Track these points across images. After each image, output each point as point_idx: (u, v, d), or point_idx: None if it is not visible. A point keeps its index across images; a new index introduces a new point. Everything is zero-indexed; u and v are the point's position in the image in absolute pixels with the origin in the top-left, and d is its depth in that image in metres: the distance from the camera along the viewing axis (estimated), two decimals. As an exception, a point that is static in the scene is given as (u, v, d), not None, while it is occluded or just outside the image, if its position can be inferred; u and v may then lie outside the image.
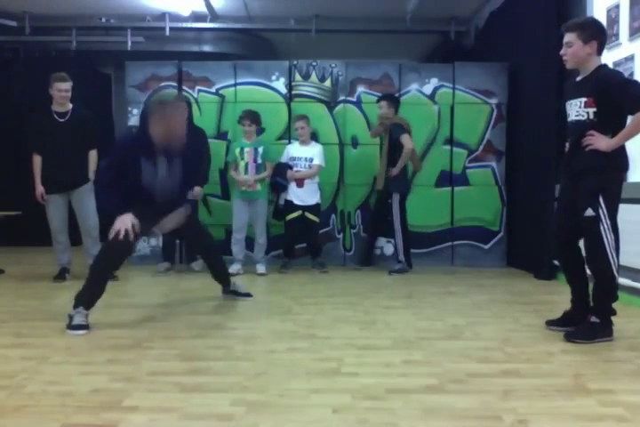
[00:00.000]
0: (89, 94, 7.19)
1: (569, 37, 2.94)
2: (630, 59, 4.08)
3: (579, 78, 3.02)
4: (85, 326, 3.14)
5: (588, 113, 2.91)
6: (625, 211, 3.82)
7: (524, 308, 3.61)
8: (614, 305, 3.02)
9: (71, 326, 3.13)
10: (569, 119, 3.06)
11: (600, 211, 2.87)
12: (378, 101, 5.50)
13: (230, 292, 4.05)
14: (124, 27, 7.87)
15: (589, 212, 2.89)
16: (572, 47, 2.93)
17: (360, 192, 6.01)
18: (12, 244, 7.35)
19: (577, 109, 2.97)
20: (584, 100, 2.92)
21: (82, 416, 2.00)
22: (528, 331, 3.18)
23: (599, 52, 2.96)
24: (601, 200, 2.88)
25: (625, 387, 2.28)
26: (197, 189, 5.22)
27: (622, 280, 3.88)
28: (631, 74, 4.05)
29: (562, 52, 3.00)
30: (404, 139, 5.24)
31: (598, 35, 2.93)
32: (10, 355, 2.70)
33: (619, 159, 2.92)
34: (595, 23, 3.00)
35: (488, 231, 5.98)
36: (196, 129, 5.26)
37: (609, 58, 4.32)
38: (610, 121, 2.88)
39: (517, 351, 2.78)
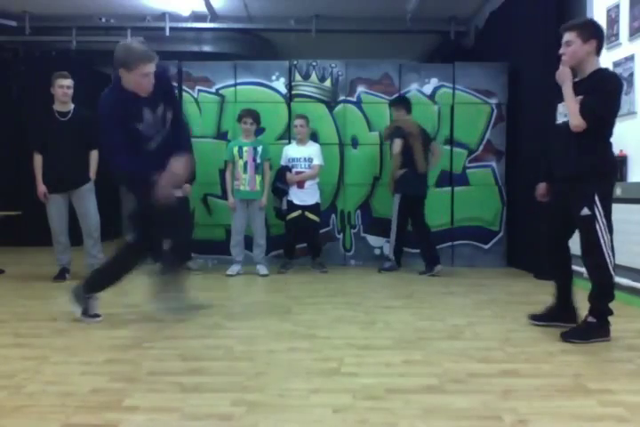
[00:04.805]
0: (89, 94, 7.17)
1: (569, 36, 2.96)
2: (630, 59, 4.08)
3: (576, 79, 3.03)
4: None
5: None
6: (625, 211, 3.83)
7: (524, 308, 3.60)
8: (611, 305, 3.01)
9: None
10: (560, 120, 3.09)
11: (596, 210, 2.93)
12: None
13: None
14: (124, 27, 7.86)
15: (585, 211, 2.94)
16: (572, 46, 2.95)
17: (360, 192, 6.01)
18: (12, 244, 7.35)
19: None
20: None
21: (82, 416, 2.00)
22: (528, 331, 3.18)
23: (598, 52, 2.98)
24: (597, 200, 2.93)
25: (625, 387, 2.29)
26: (187, 186, 5.24)
27: (622, 280, 3.89)
28: (631, 74, 4.05)
29: (561, 50, 3.00)
30: (393, 143, 5.35)
31: (597, 34, 2.96)
32: (10, 355, 2.70)
33: (610, 165, 3.03)
34: (593, 23, 3.05)
35: (488, 231, 5.98)
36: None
37: (609, 58, 4.32)
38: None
39: (517, 351, 2.78)
